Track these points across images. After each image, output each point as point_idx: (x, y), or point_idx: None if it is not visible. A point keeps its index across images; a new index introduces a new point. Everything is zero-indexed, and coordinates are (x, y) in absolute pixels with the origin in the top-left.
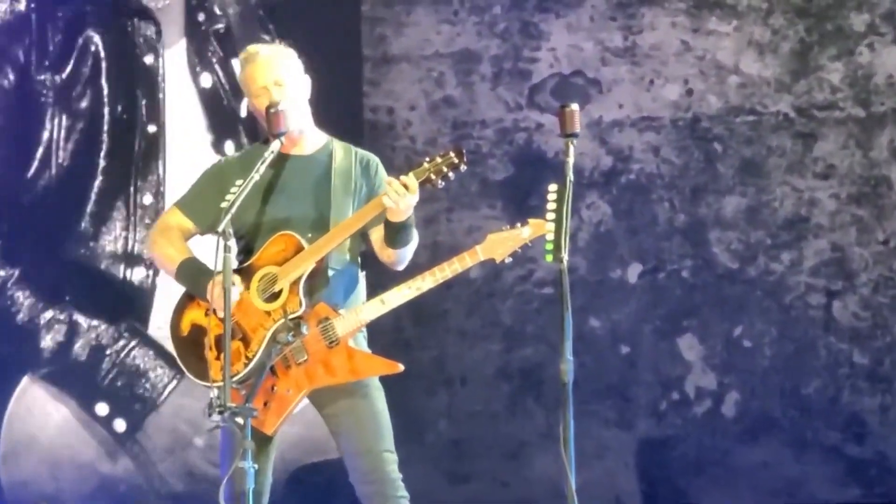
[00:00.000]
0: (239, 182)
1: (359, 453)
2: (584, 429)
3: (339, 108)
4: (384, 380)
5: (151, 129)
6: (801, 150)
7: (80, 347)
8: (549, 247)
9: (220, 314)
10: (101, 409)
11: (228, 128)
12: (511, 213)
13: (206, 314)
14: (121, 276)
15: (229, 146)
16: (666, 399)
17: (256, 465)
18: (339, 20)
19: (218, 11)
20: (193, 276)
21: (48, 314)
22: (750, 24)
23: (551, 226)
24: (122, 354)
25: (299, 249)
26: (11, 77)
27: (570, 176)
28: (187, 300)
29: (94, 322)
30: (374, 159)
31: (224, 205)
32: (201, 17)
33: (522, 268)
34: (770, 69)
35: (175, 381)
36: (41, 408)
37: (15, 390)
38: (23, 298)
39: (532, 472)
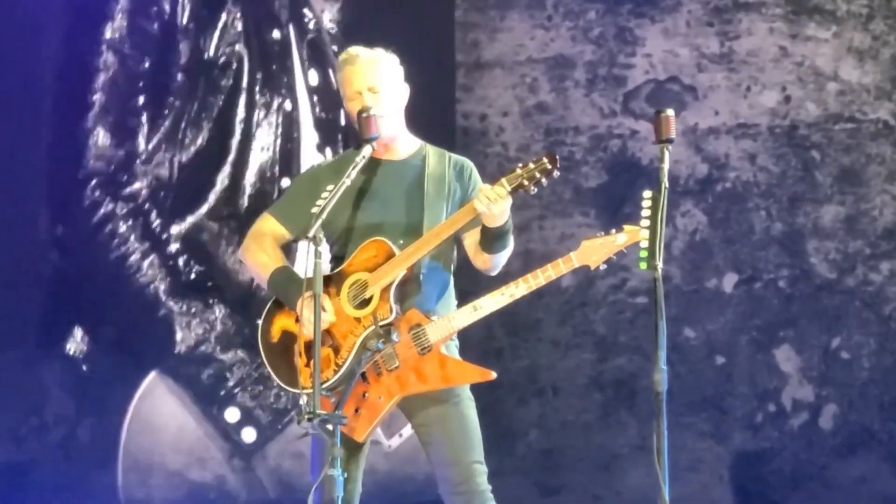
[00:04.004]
0: (330, 187)
1: (448, 464)
2: (678, 441)
3: (431, 113)
4: (475, 389)
5: (287, 106)
6: None
7: (214, 345)
8: (643, 254)
9: (309, 327)
10: (232, 415)
11: (331, 135)
12: (604, 220)
13: (297, 320)
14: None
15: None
16: (762, 411)
17: (346, 473)
18: (432, 26)
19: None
20: (285, 285)
21: (186, 308)
22: (849, 30)
23: (645, 233)
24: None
25: (390, 255)
26: (155, 27)
27: (665, 183)
28: (278, 306)
29: (232, 319)
30: (468, 163)
31: (315, 210)
32: (307, 15)
33: (615, 276)
34: (870, 76)
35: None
36: (164, 406)
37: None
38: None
39: (624, 485)
